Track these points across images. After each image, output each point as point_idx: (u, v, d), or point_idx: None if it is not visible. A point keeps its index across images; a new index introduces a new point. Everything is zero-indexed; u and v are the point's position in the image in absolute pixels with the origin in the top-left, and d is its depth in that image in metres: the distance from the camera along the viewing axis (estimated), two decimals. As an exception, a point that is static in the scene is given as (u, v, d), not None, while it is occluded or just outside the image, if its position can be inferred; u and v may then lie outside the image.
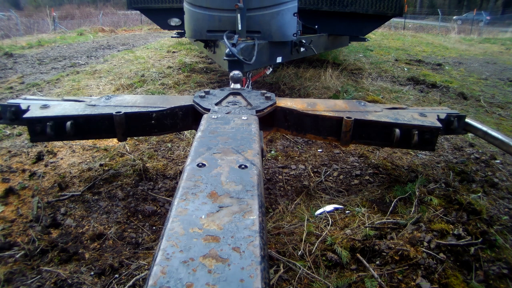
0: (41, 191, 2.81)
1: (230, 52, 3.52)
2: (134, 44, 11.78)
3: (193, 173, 1.39)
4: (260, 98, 2.60)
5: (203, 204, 1.20)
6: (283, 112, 2.68)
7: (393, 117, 2.66)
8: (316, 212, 2.57)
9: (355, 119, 2.58)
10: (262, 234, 1.08)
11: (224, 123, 1.92)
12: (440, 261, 2.02)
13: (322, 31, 5.78)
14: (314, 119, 2.65)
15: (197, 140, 1.71)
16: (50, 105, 2.66)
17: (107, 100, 2.76)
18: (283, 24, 4.16)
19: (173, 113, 2.63)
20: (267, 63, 4.53)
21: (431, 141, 2.64)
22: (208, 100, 2.53)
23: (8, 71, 7.31)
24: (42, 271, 2.03)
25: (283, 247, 2.20)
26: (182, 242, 1.02)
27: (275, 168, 3.25)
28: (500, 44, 16.43)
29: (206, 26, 4.16)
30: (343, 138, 2.63)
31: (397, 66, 8.60)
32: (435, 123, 2.62)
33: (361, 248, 2.15)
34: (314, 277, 1.97)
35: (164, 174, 3.11)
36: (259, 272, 0.92)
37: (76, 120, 2.55)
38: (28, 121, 2.55)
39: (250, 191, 1.28)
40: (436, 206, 2.51)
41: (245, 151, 1.59)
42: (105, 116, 2.56)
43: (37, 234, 2.30)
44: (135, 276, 1.98)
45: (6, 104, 2.66)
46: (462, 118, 2.82)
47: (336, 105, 2.84)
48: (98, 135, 2.71)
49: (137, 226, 2.44)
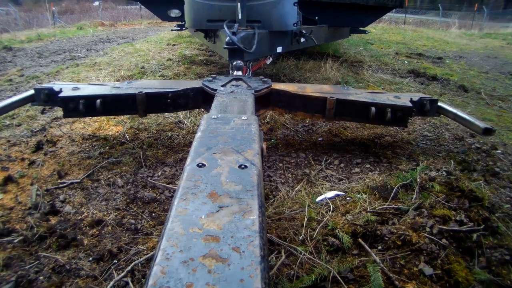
0: (40, 179, 2.80)
1: (231, 41, 3.50)
2: (134, 38, 11.73)
3: (193, 173, 1.39)
4: (258, 81, 3.09)
5: (203, 204, 1.20)
6: (278, 94, 3.16)
7: (371, 98, 3.13)
8: (317, 198, 2.56)
9: (337, 99, 3.07)
10: (262, 234, 1.08)
11: (224, 123, 1.93)
12: (442, 247, 2.00)
13: (322, 23, 5.75)
14: (303, 99, 3.15)
15: (197, 140, 1.72)
16: (80, 87, 3.12)
17: (129, 84, 3.23)
18: (283, 13, 4.13)
19: (185, 94, 3.11)
20: (267, 52, 4.51)
21: (403, 119, 3.11)
22: (215, 83, 3.01)
23: (8, 64, 7.27)
24: (40, 256, 2.01)
25: (284, 232, 2.18)
26: (182, 242, 1.02)
27: (275, 156, 3.23)
28: (501, 39, 16.38)
29: (206, 15, 4.13)
30: (327, 114, 3.13)
31: (398, 59, 8.57)
32: (407, 103, 3.09)
33: (362, 233, 2.13)
34: (315, 261, 1.95)
35: (164, 161, 3.09)
36: (259, 272, 0.92)
37: (105, 99, 2.99)
38: (63, 100, 2.98)
39: (250, 191, 1.28)
40: (438, 193, 2.49)
41: (245, 151, 1.59)
42: (129, 96, 3.03)
43: (35, 220, 2.28)
44: (134, 261, 1.97)
45: (40, 88, 3.07)
46: (434, 102, 3.22)
47: (322, 88, 3.35)
48: (123, 111, 3.30)
49: (137, 212, 2.43)
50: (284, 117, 4.08)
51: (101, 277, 1.89)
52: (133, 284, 1.83)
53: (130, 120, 3.91)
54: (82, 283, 1.85)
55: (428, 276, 1.84)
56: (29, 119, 4.00)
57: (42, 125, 3.81)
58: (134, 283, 1.84)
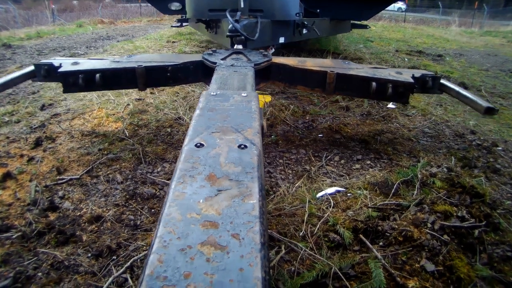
0: (39, 175, 2.78)
1: (233, 28, 3.44)
2: (133, 35, 11.70)
3: (191, 154, 1.34)
4: (259, 55, 3.08)
5: (201, 187, 1.15)
6: (278, 67, 3.13)
7: (372, 73, 3.09)
8: (318, 194, 2.54)
9: (337, 73, 3.03)
10: (262, 219, 1.04)
11: (223, 100, 1.88)
12: (444, 243, 1.99)
13: (324, 16, 5.73)
14: (303, 73, 3.12)
15: (195, 119, 1.66)
16: (80, 62, 3.11)
17: (129, 58, 3.21)
18: (285, 2, 4.12)
19: (185, 67, 3.09)
20: (270, 42, 4.49)
21: (404, 95, 3.07)
22: (215, 56, 2.98)
23: (7, 61, 7.24)
24: (38, 252, 2.00)
25: (285, 228, 2.17)
26: (179, 228, 0.98)
27: (275, 153, 3.22)
28: (501, 37, 16.32)
29: (207, 5, 4.11)
30: (327, 89, 3.10)
31: (398, 56, 8.54)
32: (408, 79, 3.03)
33: (364, 229, 2.12)
34: (316, 257, 1.93)
35: (164, 158, 3.08)
36: (259, 260, 0.88)
37: (104, 73, 2.99)
38: (62, 75, 2.97)
39: (250, 173, 1.23)
40: (439, 189, 2.47)
41: (244, 130, 1.54)
42: (128, 69, 3.00)
43: (34, 217, 2.27)
44: (133, 257, 1.95)
45: (40, 63, 3.03)
46: (437, 79, 3.15)
47: (323, 62, 3.32)
48: (122, 85, 3.29)
49: (136, 208, 2.41)
50: (284, 113, 4.06)
51: (100, 273, 1.88)
52: (132, 281, 1.81)
53: (129, 117, 3.89)
54: (81, 280, 1.84)
55: (430, 272, 1.83)
56: (28, 116, 3.98)
57: (41, 122, 3.79)
58: (133, 280, 1.82)
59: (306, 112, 4.20)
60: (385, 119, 4.15)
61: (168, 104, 4.31)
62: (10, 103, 4.47)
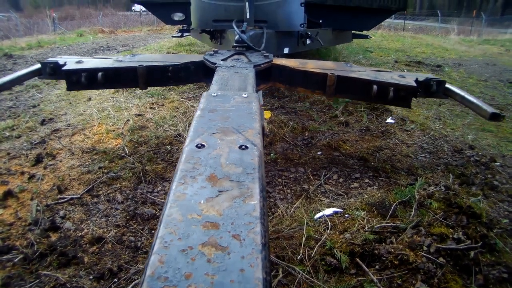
0: (40, 194, 2.81)
1: (240, 39, 3.44)
2: (133, 45, 11.78)
3: (192, 155, 1.34)
4: (260, 56, 3.09)
5: (202, 188, 1.15)
6: (279, 69, 3.14)
7: (373, 76, 3.04)
8: (316, 215, 2.56)
9: (338, 75, 2.99)
10: (263, 220, 1.04)
11: (224, 101, 1.88)
12: (439, 265, 2.01)
13: (326, 26, 5.76)
14: (304, 75, 3.10)
15: (196, 119, 1.66)
16: (84, 61, 3.16)
17: (132, 57, 3.27)
18: (290, 13, 4.16)
19: (186, 67, 3.13)
20: (274, 53, 4.51)
21: (406, 99, 3.01)
22: (216, 57, 3.00)
23: (8, 72, 7.29)
24: (41, 275, 2.02)
25: (282, 251, 2.19)
26: (180, 229, 0.98)
27: (274, 171, 3.24)
28: (499, 45, 16.42)
29: (212, 16, 4.14)
30: (328, 91, 3.06)
31: (397, 67, 8.60)
32: (411, 83, 2.97)
33: (360, 253, 2.14)
34: (313, 281, 1.96)
35: (163, 177, 3.10)
36: (259, 261, 0.89)
37: (106, 72, 3.04)
38: (66, 73, 3.02)
39: (251, 173, 1.23)
40: (436, 210, 2.50)
41: (245, 131, 1.54)
42: (130, 69, 3.05)
43: (36, 237, 2.29)
44: (134, 281, 1.98)
45: (46, 62, 3.10)
46: (442, 83, 3.09)
47: (324, 64, 3.30)
48: (124, 84, 3.34)
49: (136, 229, 2.44)
50: (284, 130, 4.09)
51: (101, 297, 1.90)
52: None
53: (129, 133, 3.92)
54: (82, 304, 1.86)
55: (425, 296, 1.85)
56: (28, 131, 4.02)
57: (42, 137, 3.82)
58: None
59: (305, 128, 4.23)
60: (384, 134, 4.19)
61: (167, 120, 4.35)
62: (11, 117, 4.52)
